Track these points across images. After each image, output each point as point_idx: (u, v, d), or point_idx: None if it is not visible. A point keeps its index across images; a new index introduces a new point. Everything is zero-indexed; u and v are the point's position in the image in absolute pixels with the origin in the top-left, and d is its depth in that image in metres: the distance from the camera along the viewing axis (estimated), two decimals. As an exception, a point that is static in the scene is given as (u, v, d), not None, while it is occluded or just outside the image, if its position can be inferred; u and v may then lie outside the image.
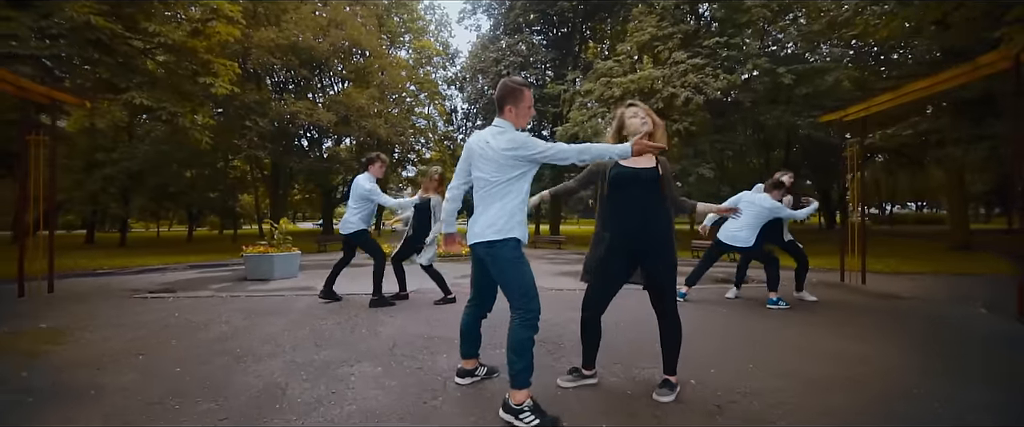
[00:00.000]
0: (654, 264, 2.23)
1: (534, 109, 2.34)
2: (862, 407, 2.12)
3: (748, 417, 2.02)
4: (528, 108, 2.19)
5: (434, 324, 3.76)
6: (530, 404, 1.95)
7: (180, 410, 2.09)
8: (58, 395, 2.25)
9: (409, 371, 2.63)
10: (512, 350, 2.02)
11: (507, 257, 2.08)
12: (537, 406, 1.96)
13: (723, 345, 3.21)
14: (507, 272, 2.09)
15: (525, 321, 2.04)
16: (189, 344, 3.15)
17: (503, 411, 1.99)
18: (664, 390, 2.23)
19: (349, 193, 4.76)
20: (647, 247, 2.22)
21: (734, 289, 5.10)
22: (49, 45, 7.18)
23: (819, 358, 2.88)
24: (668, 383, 2.27)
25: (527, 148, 2.02)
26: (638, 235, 2.22)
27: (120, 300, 4.94)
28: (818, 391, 2.32)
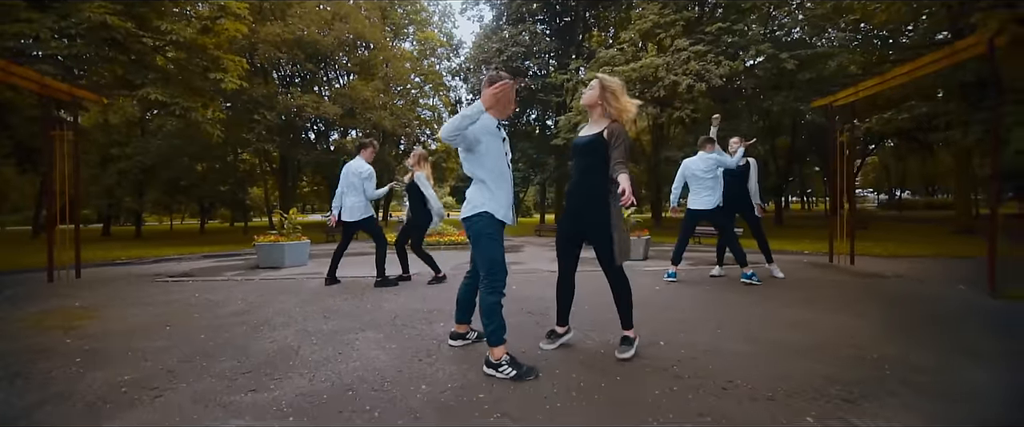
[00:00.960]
0: (589, 224, 2.46)
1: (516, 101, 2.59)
2: (816, 369, 2.35)
3: (702, 373, 2.27)
4: (510, 99, 2.43)
5: (431, 299, 4.05)
6: (507, 358, 2.24)
7: (207, 366, 2.40)
8: (100, 358, 2.56)
9: (408, 337, 2.92)
10: (483, 314, 2.32)
11: (477, 230, 2.36)
12: (514, 360, 2.24)
13: (697, 314, 3.46)
14: (477, 243, 2.38)
15: (491, 287, 2.32)
16: (210, 317, 3.46)
17: (485, 366, 2.28)
18: (624, 347, 2.48)
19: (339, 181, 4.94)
20: (583, 208, 2.46)
21: (718, 267, 5.32)
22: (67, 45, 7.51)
23: (785, 326, 3.12)
24: (626, 339, 2.52)
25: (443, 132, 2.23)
26: (575, 197, 2.50)
27: (143, 284, 5.29)
28: (778, 354, 2.56)
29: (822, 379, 2.17)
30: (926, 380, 2.15)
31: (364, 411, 1.88)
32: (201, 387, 2.14)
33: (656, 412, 1.86)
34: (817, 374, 2.23)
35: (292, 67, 19.80)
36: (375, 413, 1.87)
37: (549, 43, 22.74)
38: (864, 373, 2.25)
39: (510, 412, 1.87)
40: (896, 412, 1.83)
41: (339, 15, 18.14)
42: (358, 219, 4.87)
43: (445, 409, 1.90)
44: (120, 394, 2.07)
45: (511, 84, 2.26)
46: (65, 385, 2.17)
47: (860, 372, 2.27)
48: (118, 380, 2.22)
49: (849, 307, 3.70)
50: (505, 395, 2.03)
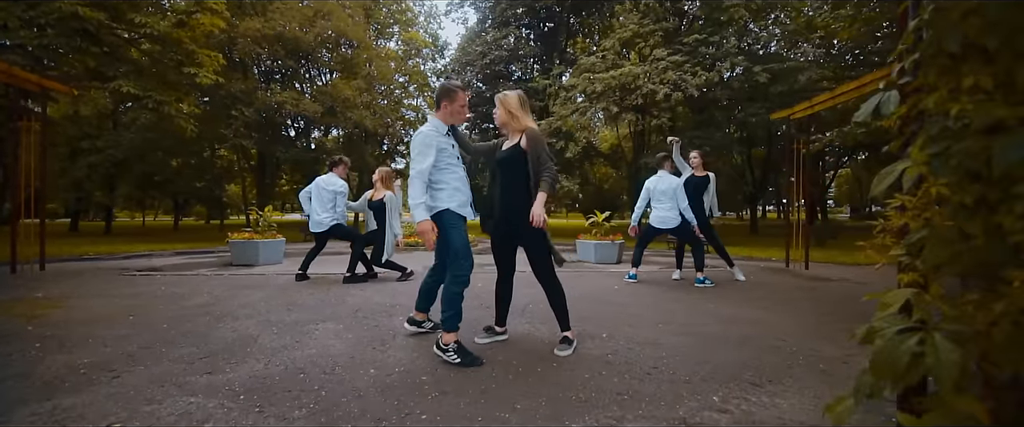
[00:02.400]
0: (519, 235, 2.58)
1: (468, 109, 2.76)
2: (736, 356, 2.58)
3: (632, 361, 2.47)
4: (461, 107, 2.65)
5: (397, 295, 4.19)
6: (455, 345, 2.40)
7: (166, 352, 2.50)
8: (61, 343, 2.63)
9: (366, 328, 3.06)
10: (443, 301, 2.49)
11: (443, 225, 2.56)
12: (462, 348, 2.41)
13: (646, 311, 3.67)
14: (443, 236, 2.57)
15: (455, 278, 2.51)
16: (175, 309, 3.54)
17: (435, 348, 2.46)
18: (562, 345, 2.61)
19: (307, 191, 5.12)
20: (513, 218, 2.56)
21: (677, 271, 5.57)
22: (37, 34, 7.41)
23: (723, 321, 3.36)
24: (565, 339, 2.64)
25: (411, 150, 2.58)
26: (503, 208, 2.61)
27: (110, 276, 5.29)
28: (707, 344, 2.79)
29: (738, 366, 2.39)
30: (829, 368, 2.39)
31: (312, 391, 2.02)
32: (159, 370, 2.25)
33: (579, 391, 2.05)
34: (735, 362, 2.45)
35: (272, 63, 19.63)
36: (322, 392, 2.01)
37: (533, 48, 23.04)
38: (777, 361, 2.49)
39: (448, 390, 2.04)
40: (792, 393, 2.05)
41: (322, 12, 18.07)
42: (325, 230, 5.03)
43: (388, 388, 2.06)
44: (78, 375, 2.17)
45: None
46: (24, 366, 2.26)
47: (774, 360, 2.50)
48: (77, 363, 2.32)
49: (787, 306, 3.97)
50: (447, 376, 2.20)
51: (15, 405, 1.84)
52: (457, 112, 2.64)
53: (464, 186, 2.66)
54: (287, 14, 16.94)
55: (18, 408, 1.82)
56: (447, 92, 2.62)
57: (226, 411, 1.83)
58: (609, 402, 1.94)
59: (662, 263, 7.83)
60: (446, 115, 2.63)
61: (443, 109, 2.63)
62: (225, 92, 14.75)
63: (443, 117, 2.63)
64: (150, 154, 16.76)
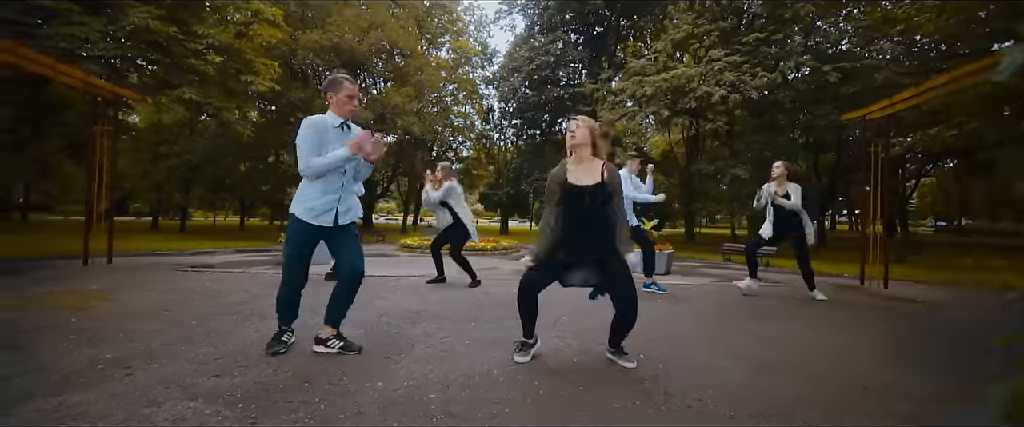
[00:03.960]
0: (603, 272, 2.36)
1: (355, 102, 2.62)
2: (794, 389, 2.19)
3: (672, 389, 2.14)
4: (347, 98, 2.53)
5: (428, 302, 4.04)
6: (334, 333, 2.54)
7: (185, 351, 2.48)
8: (92, 337, 2.69)
9: (386, 335, 2.92)
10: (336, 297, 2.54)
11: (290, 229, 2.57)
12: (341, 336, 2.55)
13: (688, 329, 3.29)
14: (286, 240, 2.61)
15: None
16: (209, 305, 3.60)
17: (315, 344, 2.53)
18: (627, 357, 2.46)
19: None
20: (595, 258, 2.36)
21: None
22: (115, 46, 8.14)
23: (780, 346, 2.92)
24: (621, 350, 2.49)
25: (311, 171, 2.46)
26: (583, 247, 2.35)
27: (163, 272, 5.58)
28: (761, 373, 2.39)
29: (797, 402, 2.01)
30: (911, 410, 1.95)
31: (312, 403, 1.88)
32: (171, 370, 2.20)
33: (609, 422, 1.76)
34: (794, 397, 2.07)
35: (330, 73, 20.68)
36: (322, 406, 1.86)
37: (581, 52, 22.68)
38: (845, 398, 2.07)
39: (456, 413, 1.83)
40: (874, 444, 1.66)
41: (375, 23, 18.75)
42: None
43: (391, 405, 1.88)
44: (95, 370, 2.16)
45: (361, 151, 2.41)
46: (51, 358, 2.30)
47: (841, 396, 2.08)
48: (99, 358, 2.33)
49: (860, 330, 3.44)
50: (458, 396, 1.99)
51: (23, 400, 1.83)
52: (341, 104, 2.52)
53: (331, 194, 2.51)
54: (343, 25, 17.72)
55: (25, 403, 1.80)
56: (331, 83, 2.54)
57: (220, 420, 1.72)
58: (639, 440, 1.65)
59: (714, 275, 7.25)
60: (334, 106, 2.54)
61: (329, 100, 2.55)
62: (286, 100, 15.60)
63: (337, 111, 2.54)
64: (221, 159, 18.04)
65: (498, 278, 6.01)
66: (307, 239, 2.54)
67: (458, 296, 4.37)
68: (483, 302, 4.04)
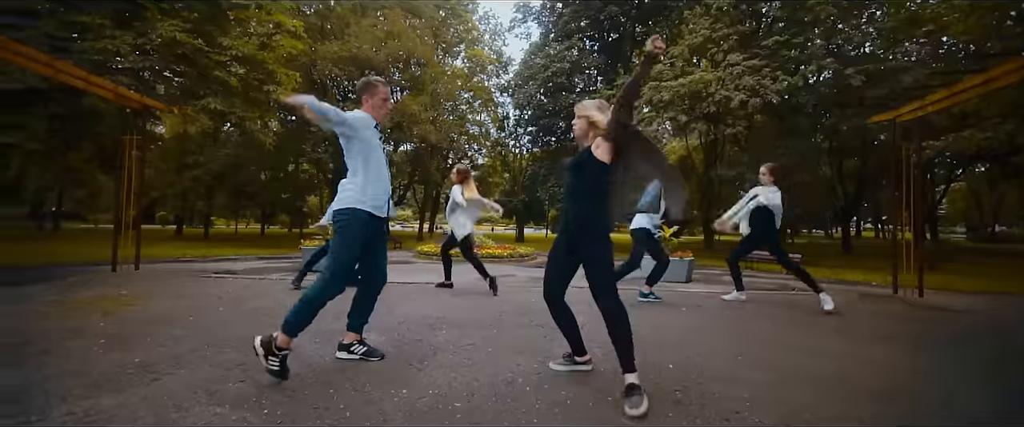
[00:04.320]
0: (580, 251, 2.18)
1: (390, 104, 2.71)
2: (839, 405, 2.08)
3: (707, 401, 2.06)
4: (383, 101, 2.57)
5: (449, 309, 4.01)
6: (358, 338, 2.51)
7: (211, 356, 2.49)
8: (121, 341, 2.72)
9: (408, 342, 2.89)
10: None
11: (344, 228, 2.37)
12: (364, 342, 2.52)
13: (721, 339, 3.18)
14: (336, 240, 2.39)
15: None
16: (233, 312, 3.62)
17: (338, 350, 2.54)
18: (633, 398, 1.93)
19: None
20: (575, 233, 2.18)
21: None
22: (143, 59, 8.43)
23: (817, 357, 2.79)
24: (632, 388, 1.98)
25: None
26: (567, 221, 2.23)
27: (190, 278, 5.67)
28: (799, 386, 2.29)
29: (843, 419, 1.90)
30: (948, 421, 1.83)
31: (337, 410, 1.86)
32: (198, 375, 2.21)
33: (640, 438, 1.69)
34: (839, 415, 1.96)
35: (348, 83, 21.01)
36: (347, 413, 1.83)
37: (596, 59, 22.65)
38: (895, 415, 1.95)
39: (482, 423, 1.78)
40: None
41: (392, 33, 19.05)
42: None
43: (416, 415, 1.83)
44: (125, 375, 2.18)
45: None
46: (81, 363, 2.32)
47: (890, 413, 1.97)
48: (128, 362, 2.35)
49: (901, 341, 3.28)
50: (482, 406, 1.93)
51: (56, 403, 1.85)
52: (378, 106, 2.56)
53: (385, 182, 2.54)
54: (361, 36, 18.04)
55: (58, 406, 1.82)
56: (366, 86, 2.57)
57: (246, 426, 1.70)
58: (676, 454, 1.57)
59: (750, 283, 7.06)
60: (370, 109, 2.55)
61: (365, 103, 2.56)
62: (306, 110, 15.91)
63: (371, 112, 2.55)
64: (243, 168, 18.47)
65: (515, 285, 5.96)
66: (369, 233, 2.40)
67: (478, 303, 4.33)
68: (504, 309, 3.99)
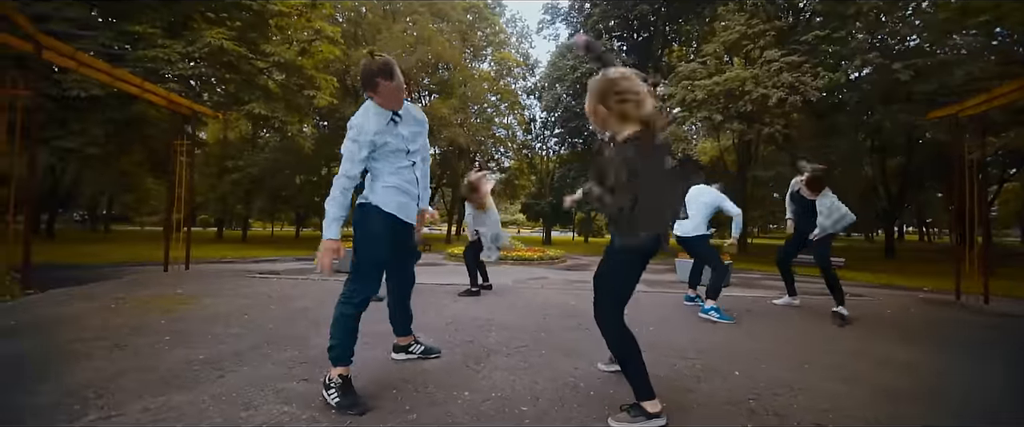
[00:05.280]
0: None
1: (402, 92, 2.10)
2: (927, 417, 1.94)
3: (783, 411, 1.94)
4: (395, 89, 2.00)
5: (495, 310, 3.98)
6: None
7: (270, 354, 2.52)
8: (184, 338, 2.80)
9: (460, 343, 2.87)
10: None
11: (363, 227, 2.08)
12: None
13: (780, 346, 3.03)
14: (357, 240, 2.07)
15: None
16: (283, 311, 3.69)
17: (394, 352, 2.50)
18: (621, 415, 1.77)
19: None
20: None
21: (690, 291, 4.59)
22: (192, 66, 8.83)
23: (890, 367, 2.61)
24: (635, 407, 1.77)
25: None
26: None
27: (237, 277, 5.84)
28: (878, 396, 2.15)
29: (944, 433, 1.76)
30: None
31: (403, 411, 1.84)
32: (261, 373, 2.24)
33: (722, 448, 1.60)
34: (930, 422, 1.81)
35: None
36: (413, 414, 1.81)
37: (626, 59, 22.36)
38: None
39: (552, 429, 1.72)
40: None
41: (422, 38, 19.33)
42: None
43: (483, 417, 1.80)
44: (192, 371, 2.23)
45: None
46: (149, 359, 2.39)
47: None
48: (193, 359, 2.40)
49: (981, 352, 3.05)
50: (549, 411, 1.88)
51: (133, 398, 1.90)
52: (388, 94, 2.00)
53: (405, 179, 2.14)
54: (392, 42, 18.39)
55: (134, 401, 1.86)
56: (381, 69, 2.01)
57: (315, 426, 1.70)
58: (765, 467, 1.48)
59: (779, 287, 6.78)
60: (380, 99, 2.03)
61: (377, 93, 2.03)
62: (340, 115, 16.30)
63: (384, 104, 2.04)
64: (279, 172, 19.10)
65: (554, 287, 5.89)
66: (394, 237, 2.12)
67: (521, 305, 4.28)
68: (549, 312, 3.93)
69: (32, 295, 4.01)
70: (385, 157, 2.08)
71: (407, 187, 2.14)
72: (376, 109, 2.04)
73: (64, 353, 2.45)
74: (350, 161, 1.98)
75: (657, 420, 1.75)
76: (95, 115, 8.70)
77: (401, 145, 2.10)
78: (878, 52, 14.52)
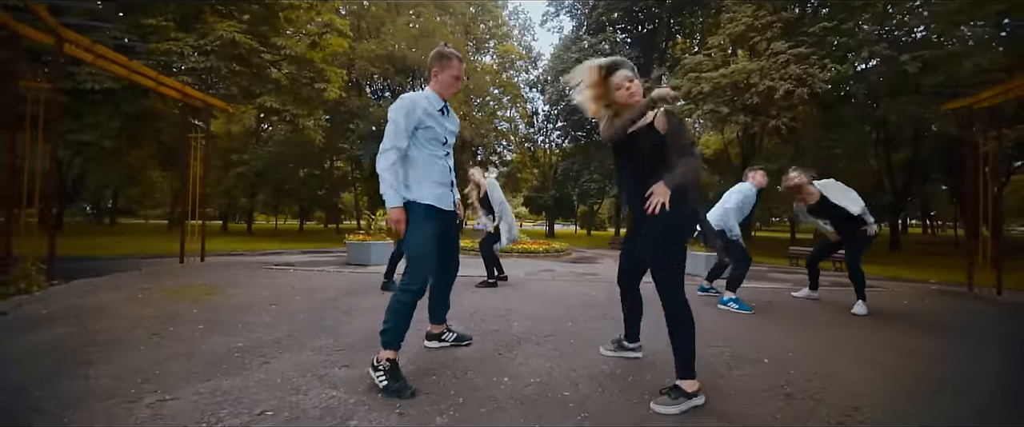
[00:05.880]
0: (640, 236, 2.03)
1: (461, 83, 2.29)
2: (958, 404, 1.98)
3: (817, 396, 1.98)
4: (454, 78, 2.19)
5: (510, 299, 4.03)
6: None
7: (306, 342, 2.56)
8: (218, 326, 2.85)
9: (487, 332, 2.91)
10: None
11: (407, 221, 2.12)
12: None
13: (803, 335, 3.07)
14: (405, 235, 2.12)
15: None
16: (309, 301, 3.74)
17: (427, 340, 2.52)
18: (664, 398, 1.82)
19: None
20: (636, 218, 2.00)
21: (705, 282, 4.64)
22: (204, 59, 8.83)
23: (917, 357, 2.66)
24: (676, 389, 1.84)
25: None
26: (630, 205, 2.03)
27: (253, 269, 5.89)
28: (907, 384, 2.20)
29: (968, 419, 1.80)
30: None
31: (449, 396, 1.88)
32: (302, 359, 2.28)
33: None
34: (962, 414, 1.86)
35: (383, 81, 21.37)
36: (459, 399, 1.86)
37: (630, 52, 22.25)
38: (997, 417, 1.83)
39: (594, 412, 1.76)
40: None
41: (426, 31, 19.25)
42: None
43: (527, 402, 1.84)
44: (234, 357, 2.27)
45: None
46: (189, 346, 2.44)
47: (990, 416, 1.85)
48: (233, 346, 2.45)
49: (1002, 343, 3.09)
50: (590, 396, 1.92)
51: (182, 382, 1.94)
52: (447, 84, 2.19)
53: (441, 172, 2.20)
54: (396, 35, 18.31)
55: (184, 386, 1.91)
56: (439, 58, 2.18)
57: (367, 410, 1.74)
58: (810, 449, 1.52)
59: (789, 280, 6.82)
60: (437, 86, 2.20)
61: (434, 79, 2.21)
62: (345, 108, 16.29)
63: (439, 91, 2.20)
64: (283, 166, 19.10)
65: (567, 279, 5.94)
66: (435, 228, 2.16)
67: (540, 296, 4.32)
68: (569, 303, 3.97)
69: (57, 286, 4.06)
70: (425, 144, 2.16)
71: (441, 178, 2.21)
72: (431, 94, 2.19)
73: (103, 341, 2.49)
74: (397, 133, 2.07)
75: (696, 399, 1.82)
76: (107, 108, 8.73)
77: (441, 135, 2.21)
78: (886, 44, 14.44)
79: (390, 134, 2.07)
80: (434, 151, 2.18)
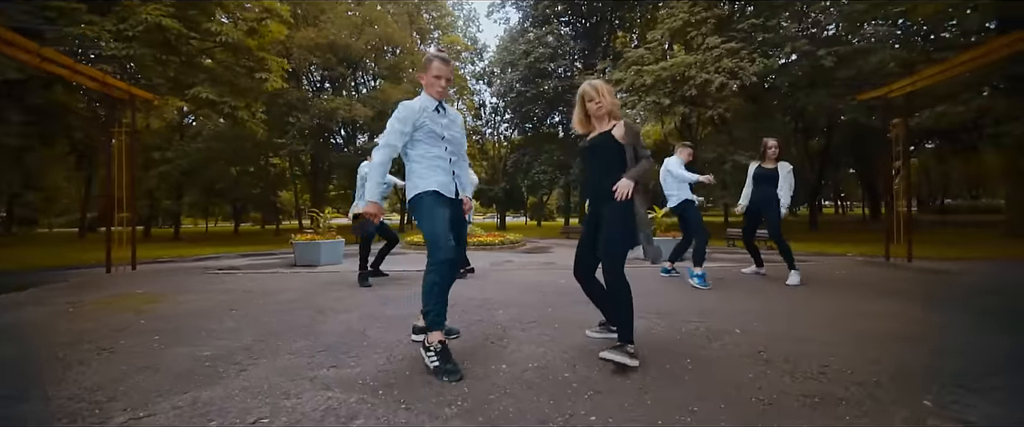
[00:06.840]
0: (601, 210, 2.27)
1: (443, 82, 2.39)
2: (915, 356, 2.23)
3: (792, 358, 2.16)
4: (434, 78, 2.35)
5: (486, 289, 4.02)
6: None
7: (281, 346, 2.41)
8: (177, 336, 2.60)
9: (473, 323, 2.89)
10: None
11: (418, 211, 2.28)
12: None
13: (765, 306, 3.33)
14: (419, 223, 2.27)
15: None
16: (273, 303, 3.51)
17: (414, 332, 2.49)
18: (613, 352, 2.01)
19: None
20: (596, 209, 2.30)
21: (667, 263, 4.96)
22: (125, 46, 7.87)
23: (870, 318, 2.96)
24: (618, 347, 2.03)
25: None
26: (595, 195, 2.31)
27: (197, 275, 5.44)
28: (869, 341, 2.44)
29: (924, 367, 2.04)
30: None
31: (452, 387, 1.85)
32: (282, 363, 2.15)
33: (755, 392, 1.77)
34: (919, 363, 2.10)
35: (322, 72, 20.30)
36: (464, 388, 1.83)
37: (575, 45, 22.67)
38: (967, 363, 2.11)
39: (601, 389, 1.81)
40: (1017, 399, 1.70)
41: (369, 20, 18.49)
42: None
43: (533, 386, 1.85)
44: (205, 367, 2.09)
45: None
46: (149, 359, 2.21)
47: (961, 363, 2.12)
48: (199, 355, 2.25)
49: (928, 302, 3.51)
50: (590, 376, 1.97)
51: (154, 398, 1.76)
52: (429, 83, 2.37)
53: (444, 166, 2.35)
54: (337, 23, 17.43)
55: (158, 401, 1.73)
56: (424, 63, 2.43)
57: (370, 407, 1.67)
58: (799, 406, 1.66)
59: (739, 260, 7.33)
60: (426, 88, 2.40)
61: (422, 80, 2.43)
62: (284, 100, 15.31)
63: (430, 91, 2.39)
64: (214, 163, 17.63)
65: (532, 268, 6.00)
66: (445, 211, 2.27)
67: (510, 285, 4.34)
68: (544, 291, 4.02)
69: (-37, 304, 3.53)
70: (424, 141, 2.33)
71: (440, 169, 2.34)
72: (424, 96, 2.41)
73: (49, 359, 2.21)
74: (394, 133, 2.28)
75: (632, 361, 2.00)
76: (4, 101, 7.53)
77: (438, 131, 2.36)
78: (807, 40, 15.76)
79: (387, 134, 2.31)
80: (432, 146, 2.34)
